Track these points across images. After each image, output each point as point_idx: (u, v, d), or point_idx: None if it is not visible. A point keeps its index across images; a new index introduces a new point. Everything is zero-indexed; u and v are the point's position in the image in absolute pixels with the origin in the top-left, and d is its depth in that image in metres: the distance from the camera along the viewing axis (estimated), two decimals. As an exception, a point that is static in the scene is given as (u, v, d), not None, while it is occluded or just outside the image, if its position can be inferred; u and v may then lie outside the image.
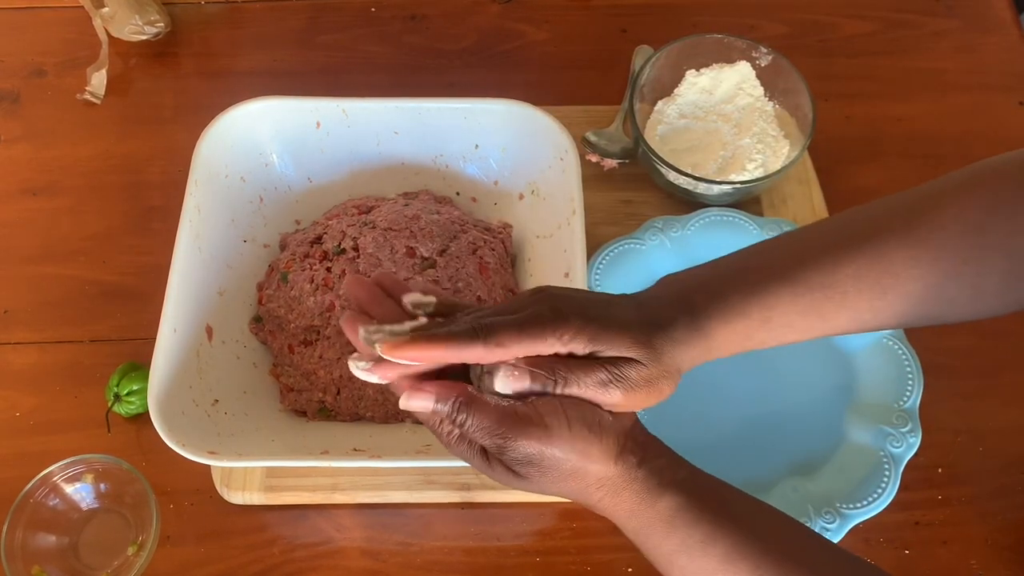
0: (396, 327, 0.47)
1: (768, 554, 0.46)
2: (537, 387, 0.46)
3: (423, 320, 0.48)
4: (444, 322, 0.48)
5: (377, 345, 0.45)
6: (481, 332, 0.45)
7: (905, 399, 0.73)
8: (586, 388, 0.46)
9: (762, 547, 0.46)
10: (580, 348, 0.46)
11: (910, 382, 0.73)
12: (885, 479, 0.69)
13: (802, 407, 0.75)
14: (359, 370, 0.47)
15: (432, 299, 0.49)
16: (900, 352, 0.74)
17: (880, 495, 0.69)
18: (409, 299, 0.49)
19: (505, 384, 0.46)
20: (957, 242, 0.50)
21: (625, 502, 0.48)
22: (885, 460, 0.70)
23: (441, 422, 0.47)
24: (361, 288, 0.51)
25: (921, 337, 0.75)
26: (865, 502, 0.68)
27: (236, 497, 0.72)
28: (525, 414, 0.46)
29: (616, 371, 0.46)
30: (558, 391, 0.46)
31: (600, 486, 0.48)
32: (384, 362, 0.46)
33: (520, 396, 0.47)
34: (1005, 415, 0.77)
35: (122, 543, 0.70)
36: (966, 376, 0.78)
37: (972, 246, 0.50)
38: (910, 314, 0.52)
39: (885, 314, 0.51)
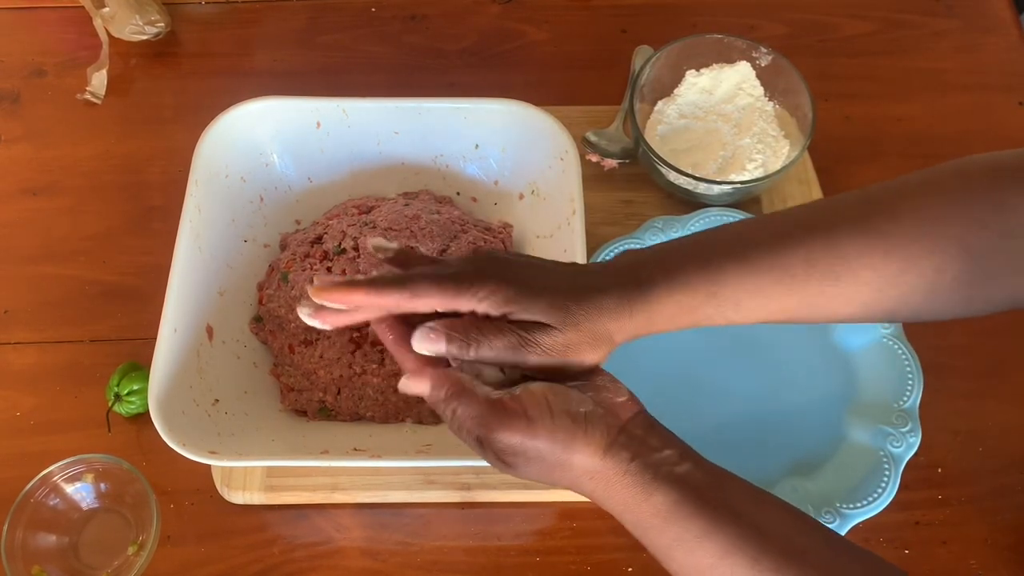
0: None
1: (768, 549, 0.46)
2: (453, 349, 0.48)
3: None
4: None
5: (308, 288, 0.49)
6: (400, 281, 0.48)
7: (905, 399, 0.72)
8: (498, 351, 0.48)
9: (762, 541, 0.46)
10: (494, 309, 0.48)
11: (910, 382, 0.73)
12: (885, 479, 0.69)
13: (802, 407, 0.75)
14: (303, 316, 0.50)
15: (394, 245, 0.52)
16: (900, 352, 0.74)
17: (880, 495, 0.69)
18: (372, 242, 0.52)
19: (421, 343, 0.48)
20: (912, 234, 0.50)
21: (617, 495, 0.48)
22: (885, 460, 0.70)
23: (443, 409, 0.49)
24: None
25: (921, 337, 0.75)
26: (865, 502, 0.68)
27: (236, 497, 0.72)
28: (510, 406, 0.47)
29: (527, 335, 0.48)
30: (471, 355, 0.48)
31: (590, 478, 0.48)
32: (324, 310, 0.50)
33: (471, 369, 0.49)
34: (1005, 415, 0.77)
35: (122, 543, 0.70)
36: (966, 376, 0.78)
37: (928, 238, 0.50)
38: (864, 305, 0.51)
39: (838, 302, 0.51)
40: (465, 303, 0.48)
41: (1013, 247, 0.49)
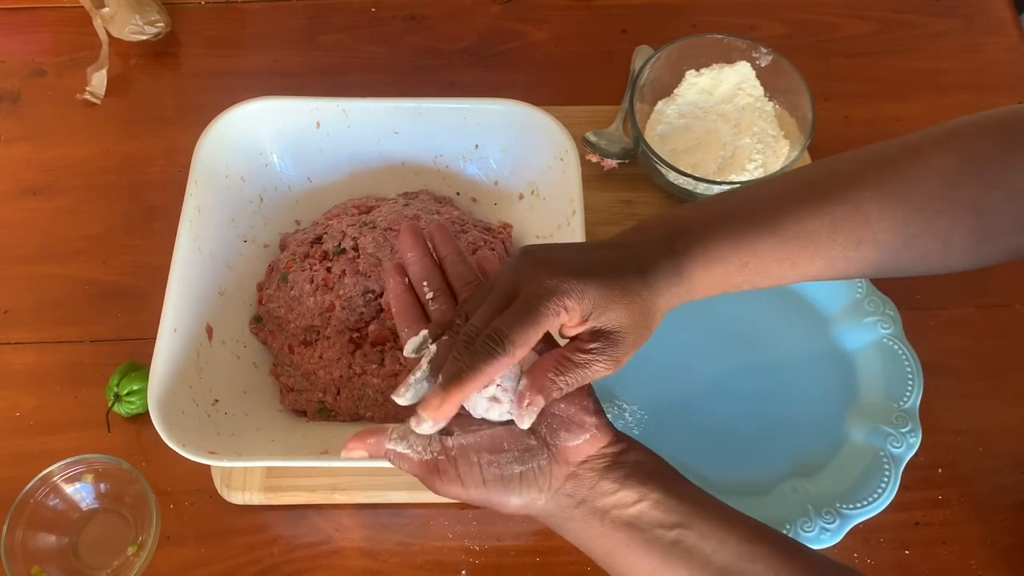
0: (416, 381, 0.51)
1: None
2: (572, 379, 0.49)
3: (432, 348, 0.51)
4: (448, 340, 0.51)
5: (424, 420, 0.48)
6: (498, 345, 0.47)
7: (905, 399, 0.72)
8: (588, 374, 0.49)
9: None
10: (575, 322, 0.49)
11: (910, 382, 0.73)
12: (885, 479, 0.69)
13: (802, 407, 0.75)
14: (424, 429, 0.49)
15: (424, 332, 0.53)
16: (900, 352, 0.74)
17: (880, 495, 0.69)
18: (408, 350, 0.53)
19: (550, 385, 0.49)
20: (930, 195, 0.51)
21: (566, 532, 0.50)
22: (885, 460, 0.70)
23: None
24: (412, 241, 0.58)
25: (921, 337, 0.75)
26: (865, 502, 0.68)
27: (236, 497, 0.72)
28: (442, 467, 0.49)
29: (607, 352, 0.49)
30: (566, 390, 0.49)
31: (536, 514, 0.50)
32: (442, 410, 0.49)
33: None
34: (1005, 415, 0.77)
35: (122, 543, 0.70)
36: (966, 376, 0.78)
37: (944, 200, 0.51)
38: (881, 265, 0.53)
39: (857, 264, 0.53)
40: (554, 326, 0.48)
41: (1018, 207, 0.51)
